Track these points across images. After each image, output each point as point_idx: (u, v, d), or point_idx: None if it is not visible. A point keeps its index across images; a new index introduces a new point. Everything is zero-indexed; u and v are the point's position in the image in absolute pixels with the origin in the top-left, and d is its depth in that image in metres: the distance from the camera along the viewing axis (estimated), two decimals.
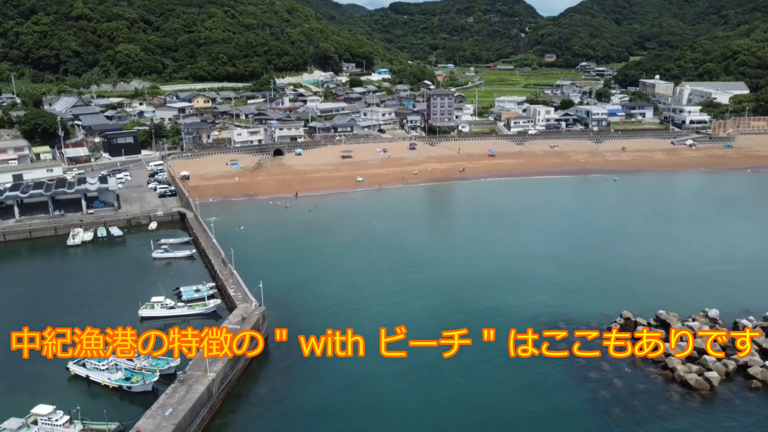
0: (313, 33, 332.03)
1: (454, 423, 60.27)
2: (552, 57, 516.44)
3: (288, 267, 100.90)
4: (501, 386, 66.73)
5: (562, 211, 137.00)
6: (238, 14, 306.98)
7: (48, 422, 57.88)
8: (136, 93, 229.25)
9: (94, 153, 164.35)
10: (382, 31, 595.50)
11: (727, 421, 61.18)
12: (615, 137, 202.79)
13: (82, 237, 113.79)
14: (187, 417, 56.79)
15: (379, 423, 60.43)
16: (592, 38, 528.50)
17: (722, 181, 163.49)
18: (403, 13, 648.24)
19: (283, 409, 62.74)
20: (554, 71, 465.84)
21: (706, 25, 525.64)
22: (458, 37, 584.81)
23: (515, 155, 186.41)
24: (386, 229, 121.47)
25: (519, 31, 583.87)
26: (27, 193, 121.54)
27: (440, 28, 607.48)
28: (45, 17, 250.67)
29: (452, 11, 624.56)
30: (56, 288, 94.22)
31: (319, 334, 70.26)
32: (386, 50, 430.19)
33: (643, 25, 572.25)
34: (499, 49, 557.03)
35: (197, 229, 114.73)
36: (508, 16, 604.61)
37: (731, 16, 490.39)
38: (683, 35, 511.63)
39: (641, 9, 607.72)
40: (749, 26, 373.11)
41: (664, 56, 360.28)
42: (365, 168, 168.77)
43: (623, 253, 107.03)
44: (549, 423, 60.07)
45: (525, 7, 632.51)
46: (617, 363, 71.13)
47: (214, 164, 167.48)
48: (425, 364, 70.75)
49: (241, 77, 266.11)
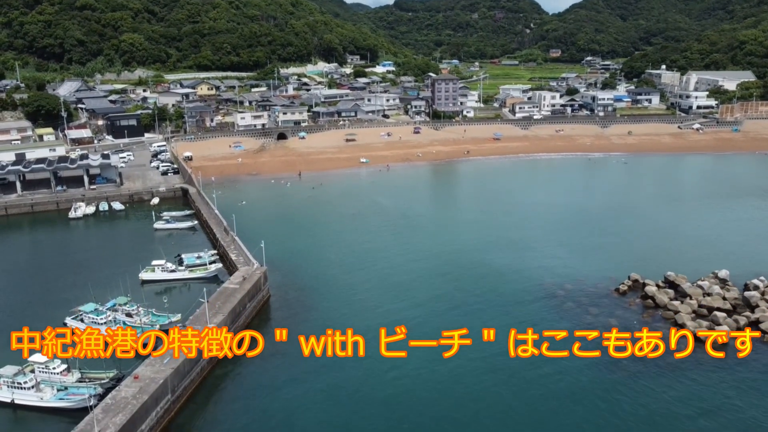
0: (317, 25, 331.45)
1: (465, 381, 58.94)
2: (557, 52, 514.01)
3: (290, 236, 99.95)
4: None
5: (568, 187, 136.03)
6: (242, 5, 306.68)
7: (45, 370, 57.00)
8: (140, 81, 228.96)
9: (97, 135, 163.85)
10: (386, 27, 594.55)
11: (740, 372, 59.55)
12: (621, 122, 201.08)
13: (84, 210, 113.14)
14: (186, 364, 55.74)
15: (382, 378, 59.15)
16: (597, 33, 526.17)
17: (731, 162, 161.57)
18: (408, 10, 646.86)
19: (284, 361, 61.53)
20: (559, 66, 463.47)
21: (713, 20, 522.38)
22: (463, 34, 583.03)
23: (520, 138, 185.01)
24: (391, 203, 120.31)
25: (524, 27, 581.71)
26: (29, 168, 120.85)
27: (445, 24, 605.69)
28: (50, 7, 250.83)
29: (457, 8, 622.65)
30: (58, 254, 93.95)
31: (321, 295, 69.28)
32: (391, 44, 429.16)
33: (648, 21, 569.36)
34: (503, 44, 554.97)
35: (200, 203, 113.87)
36: (512, 13, 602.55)
37: (737, 11, 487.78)
38: (689, 30, 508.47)
39: (647, 5, 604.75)
40: (756, 18, 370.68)
41: (671, 48, 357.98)
42: (369, 150, 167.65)
43: (631, 223, 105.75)
44: (553, 377, 58.51)
45: (530, 3, 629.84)
46: (625, 319, 69.86)
47: (217, 146, 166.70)
48: (428, 319, 69.69)
49: (245, 67, 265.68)
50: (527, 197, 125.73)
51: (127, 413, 47.29)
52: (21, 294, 78.43)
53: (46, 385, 56.00)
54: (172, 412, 53.15)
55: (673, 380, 57.90)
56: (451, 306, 73.43)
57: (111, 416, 47.11)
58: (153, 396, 50.04)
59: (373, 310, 72.39)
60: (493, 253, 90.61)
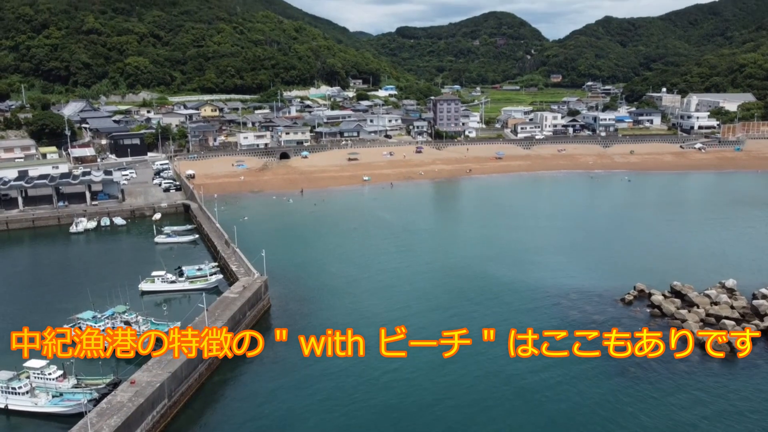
0: (320, 49, 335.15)
1: (465, 385, 57.63)
2: (558, 77, 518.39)
3: (292, 248, 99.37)
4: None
5: (571, 203, 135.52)
6: (246, 30, 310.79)
7: (41, 376, 55.90)
8: (144, 103, 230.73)
9: (100, 154, 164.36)
10: (388, 54, 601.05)
11: (750, 380, 58.12)
12: (623, 141, 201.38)
13: (85, 225, 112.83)
14: (183, 368, 54.64)
15: (380, 384, 57.84)
16: (597, 59, 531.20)
17: (734, 179, 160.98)
18: (410, 36, 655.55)
19: (283, 368, 60.30)
20: (560, 91, 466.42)
21: (711, 46, 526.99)
22: (464, 60, 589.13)
23: (522, 157, 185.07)
24: (393, 218, 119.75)
25: (525, 53, 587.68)
26: (31, 184, 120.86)
27: (446, 50, 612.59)
28: (56, 31, 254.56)
29: (458, 35, 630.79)
30: (57, 266, 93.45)
31: (322, 305, 68.31)
32: (393, 68, 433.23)
33: (648, 47, 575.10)
34: (505, 70, 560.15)
35: (201, 218, 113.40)
36: (513, 39, 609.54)
37: (736, 37, 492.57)
38: (689, 56, 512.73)
39: (646, 31, 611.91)
40: (755, 43, 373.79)
41: (671, 72, 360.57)
42: (372, 169, 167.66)
43: (635, 236, 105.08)
44: (561, 382, 57.16)
45: (530, 30, 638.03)
46: (631, 327, 68.52)
47: (220, 165, 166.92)
48: (430, 327, 68.59)
49: (248, 89, 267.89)
50: (530, 212, 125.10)
51: (121, 416, 46.11)
52: (19, 303, 77.64)
53: (41, 390, 54.87)
54: (169, 417, 51.91)
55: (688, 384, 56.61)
56: (453, 314, 72.40)
57: (105, 419, 45.95)
58: (149, 399, 48.90)
59: (374, 318, 71.33)
60: (495, 265, 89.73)
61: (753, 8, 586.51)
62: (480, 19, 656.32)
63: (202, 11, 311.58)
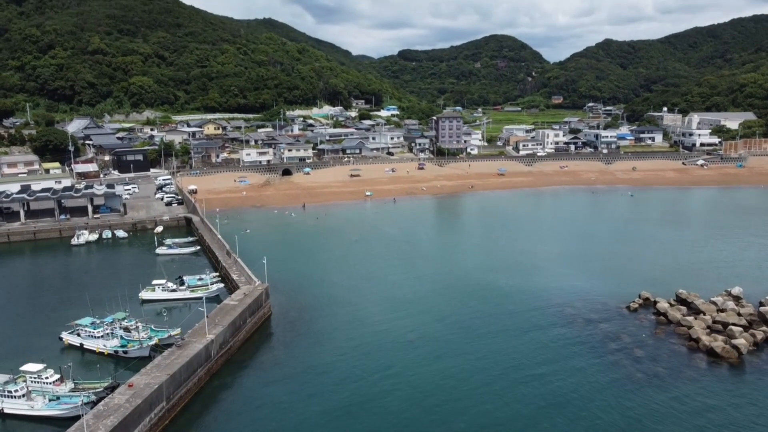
0: (323, 70, 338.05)
1: (467, 389, 56.60)
2: (559, 99, 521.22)
3: (293, 259, 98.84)
4: (515, 351, 63.37)
5: (574, 216, 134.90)
6: (250, 51, 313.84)
7: (38, 380, 55.09)
8: (148, 122, 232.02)
9: (103, 169, 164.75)
10: (391, 76, 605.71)
11: (760, 385, 56.98)
12: (625, 158, 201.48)
13: (86, 238, 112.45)
14: (182, 371, 53.80)
15: (380, 389, 56.83)
16: (598, 80, 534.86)
17: (737, 194, 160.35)
18: (412, 59, 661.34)
19: (284, 373, 59.36)
20: (561, 112, 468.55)
21: (711, 68, 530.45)
22: (466, 82, 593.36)
23: (525, 174, 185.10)
24: (395, 231, 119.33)
25: (526, 75, 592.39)
26: (33, 197, 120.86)
27: (448, 73, 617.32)
28: (62, 52, 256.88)
29: (460, 57, 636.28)
30: (58, 276, 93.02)
31: (323, 312, 67.58)
32: (395, 89, 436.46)
33: (648, 69, 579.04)
34: (506, 92, 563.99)
35: (203, 230, 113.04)
36: (515, 62, 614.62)
37: (735, 59, 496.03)
38: (689, 77, 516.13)
39: (646, 54, 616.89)
40: (754, 64, 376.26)
41: (672, 92, 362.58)
42: (374, 185, 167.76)
43: (639, 248, 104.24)
44: (569, 388, 56.07)
45: (531, 53, 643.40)
46: (637, 334, 67.85)
47: (222, 181, 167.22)
48: (432, 334, 67.79)
49: (251, 109, 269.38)
50: (533, 225, 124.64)
51: (118, 416, 45.25)
52: (18, 311, 77.05)
53: (37, 394, 54.03)
54: (167, 420, 50.97)
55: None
56: (455, 320, 71.65)
57: (102, 420, 45.06)
58: (147, 401, 48.01)
59: (376, 326, 70.55)
60: (498, 274, 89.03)
61: (752, 31, 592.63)
62: (481, 42, 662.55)
63: (206, 33, 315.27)
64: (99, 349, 64.20)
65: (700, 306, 72.49)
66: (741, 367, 60.69)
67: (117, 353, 63.30)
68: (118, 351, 63.40)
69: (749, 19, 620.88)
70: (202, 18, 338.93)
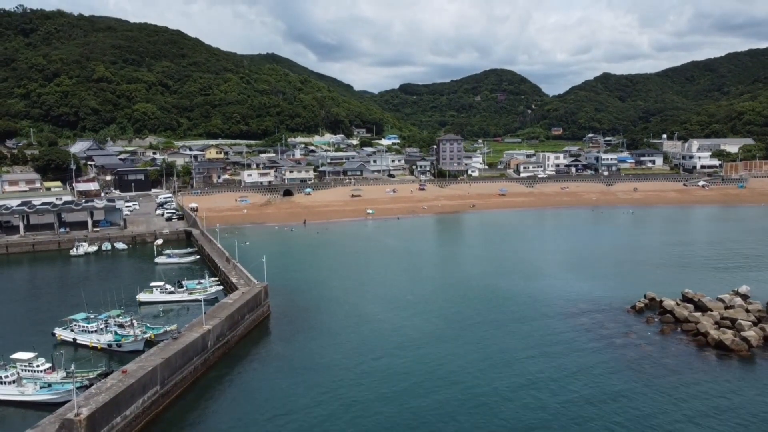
0: (325, 99, 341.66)
1: (473, 382, 55.05)
2: (559, 130, 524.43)
3: (293, 267, 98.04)
4: (522, 348, 61.93)
5: (576, 231, 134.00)
6: (252, 81, 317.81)
7: (28, 368, 53.69)
8: (150, 146, 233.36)
9: (104, 188, 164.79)
10: (392, 109, 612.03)
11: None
12: (626, 180, 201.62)
13: (85, 249, 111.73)
14: (178, 357, 52.41)
15: (379, 381, 55.27)
16: (597, 112, 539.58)
17: (738, 211, 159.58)
18: (413, 93, 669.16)
19: (283, 366, 57.84)
20: (561, 143, 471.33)
21: (708, 101, 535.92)
22: (466, 114, 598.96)
23: (526, 194, 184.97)
24: (396, 243, 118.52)
25: (526, 108, 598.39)
26: (33, 209, 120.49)
27: (448, 106, 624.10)
28: (67, 80, 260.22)
29: (460, 91, 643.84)
30: (55, 281, 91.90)
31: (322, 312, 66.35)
32: (396, 119, 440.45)
33: (646, 102, 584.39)
34: (506, 124, 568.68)
35: (203, 241, 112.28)
36: (514, 95, 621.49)
37: (732, 92, 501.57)
38: (687, 110, 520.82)
39: (644, 87, 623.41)
40: (751, 95, 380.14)
41: (671, 121, 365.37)
42: (375, 204, 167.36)
43: (642, 256, 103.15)
44: (576, 381, 54.37)
45: (531, 86, 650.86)
46: (643, 332, 66.34)
47: (223, 200, 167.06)
48: (433, 332, 66.40)
49: (253, 135, 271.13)
50: (535, 237, 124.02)
51: (110, 394, 43.80)
52: (12, 311, 75.89)
53: (28, 381, 52.56)
54: (161, 405, 49.37)
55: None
56: (457, 320, 70.18)
57: (92, 398, 43.58)
58: (140, 381, 46.60)
59: (377, 323, 69.20)
60: (500, 278, 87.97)
61: (748, 65, 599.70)
62: (481, 76, 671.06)
63: (209, 63, 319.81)
64: (92, 344, 62.85)
65: (707, 303, 71.06)
66: (751, 359, 59.06)
67: (111, 347, 61.91)
68: (111, 345, 62.05)
69: (745, 54, 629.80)
70: (206, 49, 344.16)
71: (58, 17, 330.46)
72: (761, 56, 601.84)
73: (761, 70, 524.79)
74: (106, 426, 42.17)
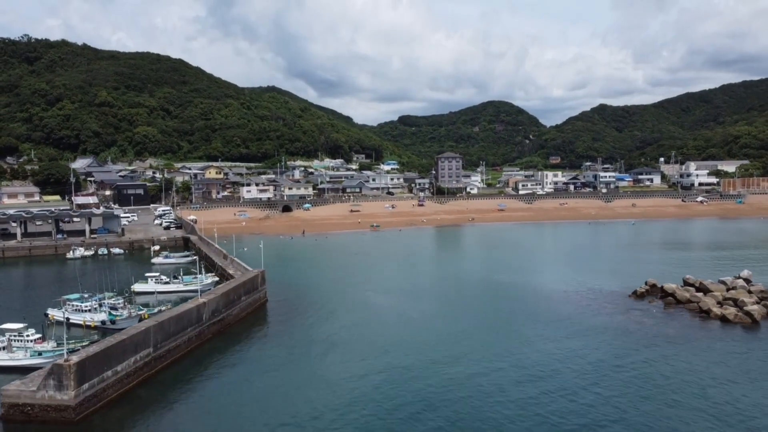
0: (324, 126, 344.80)
1: (474, 356, 54.10)
2: (557, 159, 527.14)
3: (291, 267, 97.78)
4: (517, 334, 61.07)
5: (576, 239, 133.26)
6: (253, 107, 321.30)
7: (18, 337, 52.67)
8: (151, 167, 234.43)
9: (103, 203, 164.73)
10: (390, 140, 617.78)
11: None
12: (624, 197, 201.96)
13: (82, 252, 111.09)
14: (172, 323, 51.52)
15: (375, 364, 54.34)
16: (594, 142, 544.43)
17: (737, 223, 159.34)
18: (411, 125, 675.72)
19: (279, 343, 56.78)
20: (560, 171, 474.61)
21: (704, 131, 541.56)
22: (465, 144, 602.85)
23: (525, 210, 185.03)
24: (396, 248, 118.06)
25: (524, 138, 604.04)
26: (30, 215, 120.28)
27: (447, 137, 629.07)
28: (70, 104, 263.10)
29: (458, 122, 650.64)
30: (51, 277, 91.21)
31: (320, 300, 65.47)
32: (395, 146, 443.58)
33: (643, 132, 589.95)
34: (504, 153, 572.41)
35: (200, 244, 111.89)
36: (512, 125, 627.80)
37: (728, 122, 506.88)
38: (683, 139, 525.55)
39: (640, 118, 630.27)
40: (747, 122, 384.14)
41: (667, 146, 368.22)
42: (374, 218, 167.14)
43: (642, 255, 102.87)
44: (577, 350, 53.44)
45: (528, 117, 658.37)
46: (645, 309, 65.47)
47: (222, 214, 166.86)
48: (435, 312, 65.54)
49: (253, 158, 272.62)
50: (535, 244, 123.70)
51: (101, 346, 42.92)
52: (4, 300, 74.97)
53: (18, 349, 51.55)
54: (154, 369, 48.23)
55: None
56: (457, 307, 69.23)
57: (84, 352, 42.65)
58: (132, 339, 45.72)
59: (375, 308, 68.38)
60: (500, 273, 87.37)
61: (742, 95, 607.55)
62: (479, 107, 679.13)
63: (211, 89, 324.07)
64: (86, 322, 61.88)
65: (709, 286, 70.27)
66: (755, 328, 58.14)
67: (104, 324, 60.96)
68: (105, 323, 61.09)
69: (739, 85, 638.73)
70: (207, 77, 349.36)
71: (62, 46, 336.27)
72: (755, 87, 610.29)
73: (756, 100, 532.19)
74: (97, 377, 41.16)
